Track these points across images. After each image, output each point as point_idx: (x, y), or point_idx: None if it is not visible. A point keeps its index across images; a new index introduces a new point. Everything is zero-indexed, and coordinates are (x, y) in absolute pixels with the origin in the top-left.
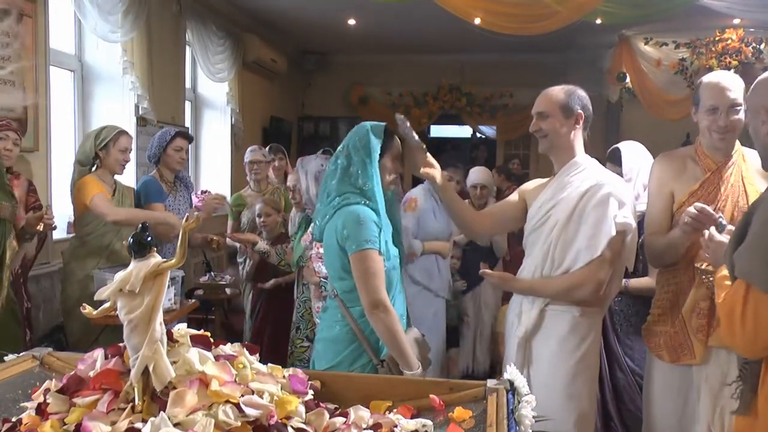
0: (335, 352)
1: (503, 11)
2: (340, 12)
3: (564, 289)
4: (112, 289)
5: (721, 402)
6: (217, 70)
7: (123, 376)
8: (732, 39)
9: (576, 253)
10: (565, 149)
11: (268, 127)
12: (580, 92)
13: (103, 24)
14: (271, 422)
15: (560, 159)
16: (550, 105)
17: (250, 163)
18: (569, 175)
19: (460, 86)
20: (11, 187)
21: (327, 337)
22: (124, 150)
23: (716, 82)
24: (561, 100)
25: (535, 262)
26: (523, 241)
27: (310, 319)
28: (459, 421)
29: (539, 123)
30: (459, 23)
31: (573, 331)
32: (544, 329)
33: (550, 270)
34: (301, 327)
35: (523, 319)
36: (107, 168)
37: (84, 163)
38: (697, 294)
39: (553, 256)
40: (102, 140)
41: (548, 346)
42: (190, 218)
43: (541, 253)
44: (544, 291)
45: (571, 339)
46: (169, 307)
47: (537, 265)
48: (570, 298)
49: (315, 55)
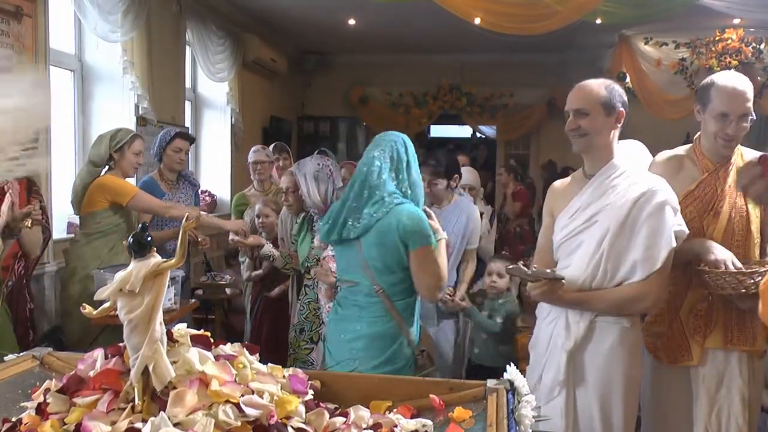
0: (383, 347)
1: (503, 11)
2: (340, 12)
3: (621, 303)
4: (112, 289)
5: (718, 403)
6: (217, 69)
7: (123, 376)
8: (732, 39)
9: (632, 265)
10: (604, 150)
11: (268, 127)
12: (618, 87)
13: (103, 24)
14: (271, 422)
15: (597, 160)
16: (591, 102)
17: (253, 163)
18: (610, 179)
19: (460, 86)
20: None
21: (370, 333)
22: (138, 153)
23: (731, 88)
24: (603, 96)
25: (579, 272)
26: (554, 249)
27: (315, 321)
28: (459, 421)
29: (578, 121)
30: (459, 23)
31: (622, 343)
32: (594, 342)
33: (601, 282)
34: (306, 329)
35: (572, 331)
36: (120, 170)
37: (97, 164)
38: (694, 296)
39: (606, 267)
40: (117, 142)
41: (596, 359)
42: (190, 218)
43: (588, 264)
44: (597, 304)
45: (619, 351)
46: (169, 307)
47: (583, 277)
48: (626, 311)
49: (315, 55)
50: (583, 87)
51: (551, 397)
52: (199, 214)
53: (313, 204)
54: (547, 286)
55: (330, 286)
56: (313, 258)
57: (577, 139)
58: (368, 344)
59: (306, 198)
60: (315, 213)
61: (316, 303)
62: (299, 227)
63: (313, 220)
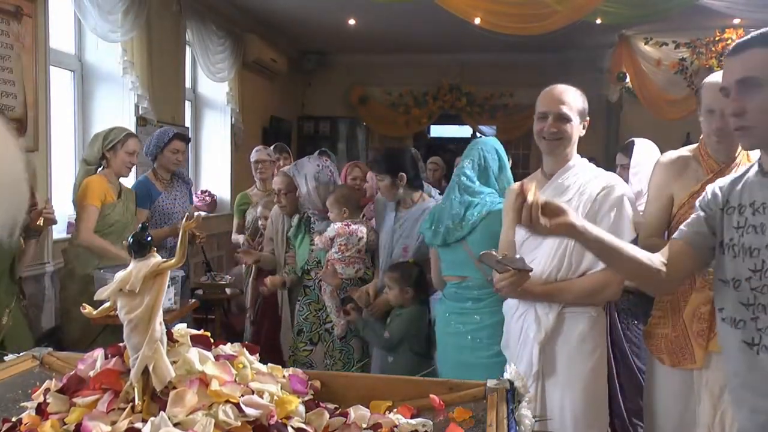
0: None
1: (503, 11)
2: (340, 12)
3: (588, 292)
4: (112, 289)
5: (721, 407)
6: (217, 69)
7: (123, 376)
8: (732, 39)
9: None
10: (569, 152)
11: (268, 127)
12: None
13: (103, 24)
14: (271, 422)
15: (560, 161)
16: (573, 109)
17: (255, 163)
18: (568, 177)
19: (460, 86)
20: None
21: (492, 323)
22: (131, 153)
23: (715, 83)
24: (581, 105)
25: (544, 266)
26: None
27: (315, 322)
28: (459, 421)
29: (559, 125)
30: (459, 23)
31: (591, 332)
32: (564, 332)
33: (566, 273)
34: (305, 330)
35: (543, 322)
36: (113, 169)
37: (90, 163)
38: (697, 298)
39: (570, 259)
40: (110, 141)
41: (566, 349)
42: (190, 217)
43: (552, 257)
44: (564, 295)
45: (589, 340)
46: (169, 307)
47: (549, 269)
48: (592, 300)
49: (315, 55)
50: (565, 92)
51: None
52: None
53: (313, 205)
54: (516, 277)
55: (336, 287)
56: (314, 260)
57: (553, 141)
58: (492, 333)
59: (305, 199)
60: (313, 214)
61: (317, 304)
62: (296, 229)
63: (311, 221)
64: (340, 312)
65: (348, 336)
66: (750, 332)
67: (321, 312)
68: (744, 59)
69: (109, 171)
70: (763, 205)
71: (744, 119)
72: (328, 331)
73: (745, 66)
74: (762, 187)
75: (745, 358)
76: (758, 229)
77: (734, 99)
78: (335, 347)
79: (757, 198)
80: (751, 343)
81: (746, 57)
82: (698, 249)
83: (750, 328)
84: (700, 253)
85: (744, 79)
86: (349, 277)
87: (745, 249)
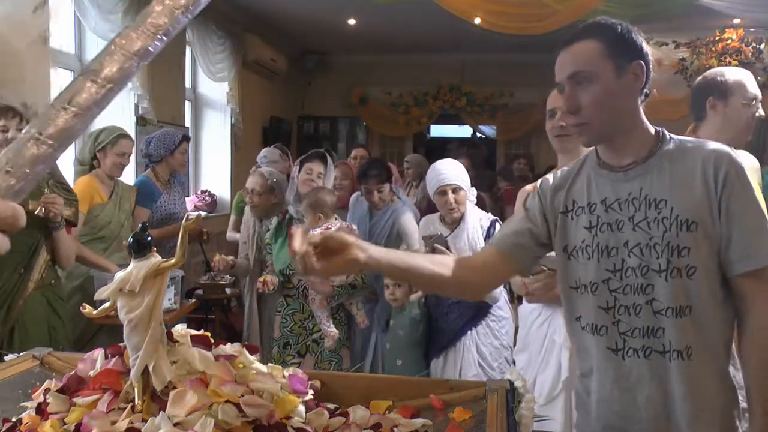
0: None
1: (503, 11)
2: (340, 12)
3: None
4: (112, 289)
5: None
6: (217, 69)
7: (123, 376)
8: (732, 39)
9: None
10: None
11: (268, 126)
12: None
13: (103, 24)
14: (271, 422)
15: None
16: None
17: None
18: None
19: (460, 86)
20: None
21: None
22: (122, 154)
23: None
24: None
25: None
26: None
27: (301, 333)
28: (459, 421)
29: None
30: (459, 23)
31: None
32: None
33: None
34: (291, 342)
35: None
36: (104, 170)
37: (83, 163)
38: None
39: None
40: (100, 143)
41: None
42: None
43: None
44: None
45: None
46: (169, 307)
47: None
48: None
49: (315, 55)
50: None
51: (551, 396)
52: (200, 213)
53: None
54: (550, 278)
55: (325, 296)
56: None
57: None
58: None
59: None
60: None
61: (302, 314)
62: (275, 232)
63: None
64: (330, 322)
65: (337, 346)
66: (613, 337)
67: (307, 322)
68: (573, 53)
69: (100, 171)
70: (618, 201)
71: (580, 116)
72: (316, 342)
73: (575, 60)
74: (611, 181)
75: (611, 366)
76: (614, 227)
77: (567, 96)
78: (324, 358)
79: (608, 194)
80: (615, 349)
81: (575, 51)
82: (515, 255)
83: (612, 333)
84: (519, 259)
85: (574, 74)
86: (341, 283)
87: (601, 249)
